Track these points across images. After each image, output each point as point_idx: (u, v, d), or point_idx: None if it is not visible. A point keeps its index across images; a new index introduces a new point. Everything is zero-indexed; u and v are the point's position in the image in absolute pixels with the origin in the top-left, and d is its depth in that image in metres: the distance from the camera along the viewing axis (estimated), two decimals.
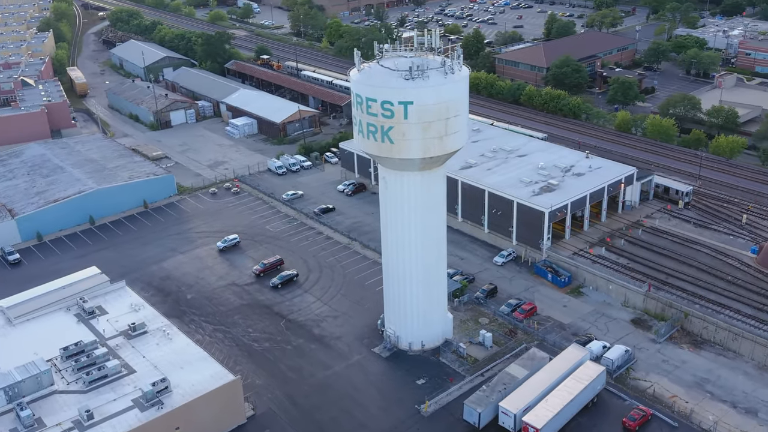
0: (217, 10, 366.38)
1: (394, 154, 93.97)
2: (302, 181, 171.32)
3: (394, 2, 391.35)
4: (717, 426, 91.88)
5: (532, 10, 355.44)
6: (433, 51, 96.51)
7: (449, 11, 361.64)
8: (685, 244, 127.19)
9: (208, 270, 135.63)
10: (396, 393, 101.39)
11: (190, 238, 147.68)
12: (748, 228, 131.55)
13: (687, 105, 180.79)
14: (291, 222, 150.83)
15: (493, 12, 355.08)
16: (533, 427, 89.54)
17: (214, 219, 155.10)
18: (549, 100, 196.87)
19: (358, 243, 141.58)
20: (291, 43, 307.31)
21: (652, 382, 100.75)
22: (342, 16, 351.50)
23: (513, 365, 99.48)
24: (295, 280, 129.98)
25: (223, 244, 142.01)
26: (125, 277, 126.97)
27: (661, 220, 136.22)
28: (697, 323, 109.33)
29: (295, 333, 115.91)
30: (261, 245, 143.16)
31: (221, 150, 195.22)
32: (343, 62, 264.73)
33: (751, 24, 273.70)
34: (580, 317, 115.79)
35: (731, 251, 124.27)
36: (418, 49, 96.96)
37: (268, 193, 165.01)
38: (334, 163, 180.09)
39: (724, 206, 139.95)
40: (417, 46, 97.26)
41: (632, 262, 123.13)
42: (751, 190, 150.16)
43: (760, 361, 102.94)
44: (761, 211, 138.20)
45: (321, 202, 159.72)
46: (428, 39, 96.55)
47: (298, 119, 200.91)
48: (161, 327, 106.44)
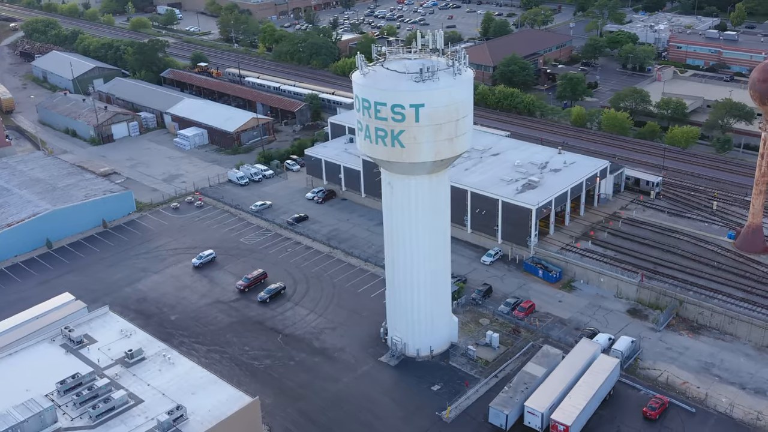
0: (140, 17, 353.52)
1: (404, 158, 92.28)
2: (267, 191, 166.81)
3: (322, 5, 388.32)
4: (733, 409, 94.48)
5: (461, 10, 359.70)
6: (437, 52, 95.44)
7: (379, 13, 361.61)
8: (665, 233, 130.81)
9: (187, 289, 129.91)
10: (413, 401, 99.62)
11: (161, 257, 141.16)
12: (719, 214, 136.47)
13: (637, 98, 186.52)
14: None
15: (423, 13, 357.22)
16: (563, 425, 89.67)
17: (183, 235, 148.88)
18: (503, 99, 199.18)
19: (341, 251, 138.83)
20: (225, 49, 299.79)
21: (661, 370, 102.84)
22: (271, 20, 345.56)
23: (530, 364, 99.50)
24: (283, 293, 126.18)
25: (199, 260, 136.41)
26: (97, 302, 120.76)
27: (637, 211, 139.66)
28: (692, 309, 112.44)
29: (294, 347, 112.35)
30: (238, 259, 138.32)
31: (173, 163, 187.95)
32: (284, 67, 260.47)
33: (674, 18, 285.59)
34: (578, 311, 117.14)
35: (709, 237, 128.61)
36: (422, 50, 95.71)
37: (234, 205, 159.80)
38: (296, 171, 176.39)
39: (692, 194, 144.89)
40: (420, 48, 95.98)
41: (619, 253, 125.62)
42: (713, 178, 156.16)
43: (758, 342, 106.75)
44: (726, 197, 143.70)
45: (292, 211, 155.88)
46: (432, 40, 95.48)
47: (252, 127, 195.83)
48: (160, 352, 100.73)
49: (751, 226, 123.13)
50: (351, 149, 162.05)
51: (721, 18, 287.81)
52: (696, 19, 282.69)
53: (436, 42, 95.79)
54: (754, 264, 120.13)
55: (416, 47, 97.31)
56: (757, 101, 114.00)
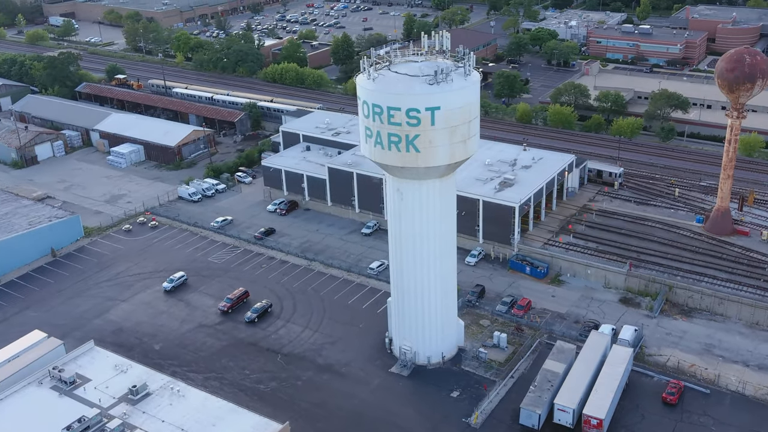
0: (36, 30, 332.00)
1: (420, 163, 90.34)
2: (223, 206, 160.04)
3: (228, 11, 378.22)
4: (745, 386, 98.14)
5: (373, 12, 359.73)
6: (442, 54, 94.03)
7: (291, 17, 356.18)
8: (637, 222, 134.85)
9: (164, 315, 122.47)
10: (436, 410, 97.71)
11: (126, 283, 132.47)
12: (681, 200, 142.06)
13: (576, 93, 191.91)
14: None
15: (336, 16, 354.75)
16: (596, 418, 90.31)
17: (143, 258, 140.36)
18: None
19: (319, 263, 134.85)
20: (140, 60, 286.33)
21: (666, 355, 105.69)
22: (177, 28, 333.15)
23: (549, 361, 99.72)
24: (270, 311, 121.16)
25: (170, 284, 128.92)
26: (68, 338, 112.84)
27: (604, 202, 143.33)
28: (681, 294, 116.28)
29: (298, 366, 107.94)
30: (212, 280, 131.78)
31: (112, 182, 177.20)
32: (208, 77, 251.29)
33: (584, 15, 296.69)
34: (572, 305, 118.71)
35: (679, 223, 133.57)
36: (429, 52, 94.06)
37: (192, 223, 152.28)
38: (249, 183, 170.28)
39: (651, 183, 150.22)
40: (428, 50, 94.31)
41: (600, 244, 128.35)
42: (666, 166, 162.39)
43: (748, 320, 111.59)
44: (682, 183, 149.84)
45: (255, 225, 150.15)
46: (438, 42, 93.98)
47: (194, 140, 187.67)
48: (165, 385, 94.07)
49: (720, 209, 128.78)
50: (310, 157, 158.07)
51: (627, 13, 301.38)
52: (605, 15, 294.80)
53: (443, 44, 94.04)
54: (727, 246, 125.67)
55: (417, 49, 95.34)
56: (725, 90, 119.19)
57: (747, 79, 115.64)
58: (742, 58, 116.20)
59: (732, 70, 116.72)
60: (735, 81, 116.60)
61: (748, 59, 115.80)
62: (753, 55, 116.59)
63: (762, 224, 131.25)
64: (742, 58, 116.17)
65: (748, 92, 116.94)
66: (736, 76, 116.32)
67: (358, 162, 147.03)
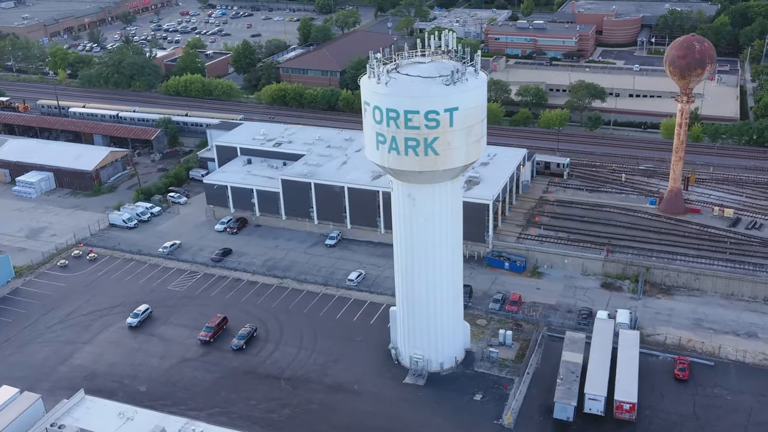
0: None
1: (439, 165, 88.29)
2: (165, 230, 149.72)
3: (96, 22, 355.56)
4: (745, 355, 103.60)
5: (256, 18, 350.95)
6: (448, 54, 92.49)
7: (167, 26, 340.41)
8: (596, 209, 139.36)
9: (139, 353, 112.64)
10: (464, 415, 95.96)
11: (82, 323, 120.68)
12: (628, 185, 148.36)
13: (497, 88, 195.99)
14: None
15: (217, 23, 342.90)
16: (628, 403, 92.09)
17: (93, 295, 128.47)
18: None
19: (291, 280, 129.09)
20: (14, 80, 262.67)
21: (663, 333, 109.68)
22: (43, 43, 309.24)
23: (566, 353, 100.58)
24: (255, 336, 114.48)
25: (135, 319, 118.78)
26: (36, 391, 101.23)
27: (558, 192, 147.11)
28: (658, 273, 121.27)
29: (305, 389, 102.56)
30: (179, 309, 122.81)
31: (26, 215, 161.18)
32: (101, 93, 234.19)
33: (473, 13, 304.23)
34: (559, 295, 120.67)
35: (634, 207, 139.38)
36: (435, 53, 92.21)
37: (136, 251, 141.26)
38: (184, 203, 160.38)
39: (594, 170, 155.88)
40: (433, 51, 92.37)
41: (570, 233, 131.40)
42: (605, 154, 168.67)
43: (723, 292, 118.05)
44: (623, 169, 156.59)
45: (207, 247, 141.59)
46: (445, 42, 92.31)
47: (111, 163, 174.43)
48: (185, 427, 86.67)
49: (673, 190, 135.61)
50: (255, 170, 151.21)
51: (511, 10, 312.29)
52: (492, 12, 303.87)
53: (449, 44, 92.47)
54: (685, 224, 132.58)
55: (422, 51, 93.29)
56: (676, 77, 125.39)
57: (698, 64, 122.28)
58: (692, 45, 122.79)
59: (683, 57, 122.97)
60: (687, 67, 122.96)
61: (698, 46, 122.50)
62: (701, 42, 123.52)
63: (706, 201, 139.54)
64: (691, 45, 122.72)
65: (698, 77, 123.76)
66: (687, 63, 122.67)
67: (314, 172, 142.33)
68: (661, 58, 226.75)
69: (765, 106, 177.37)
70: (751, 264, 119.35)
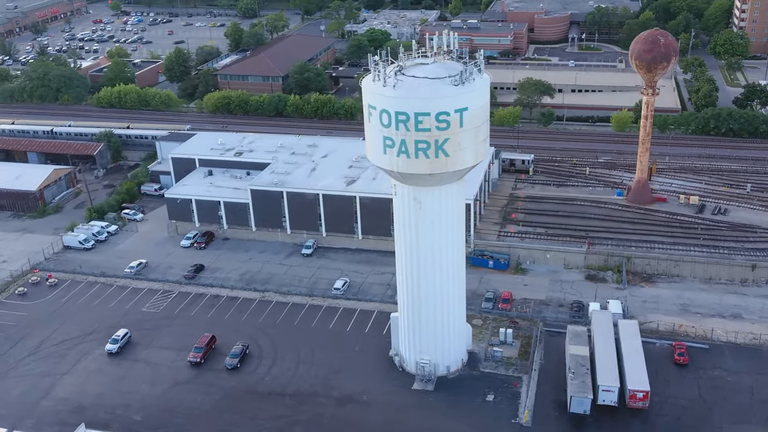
0: None
1: (449, 167, 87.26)
2: (126, 249, 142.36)
3: (4, 33, 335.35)
4: (736, 336, 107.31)
5: (176, 24, 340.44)
6: (448, 54, 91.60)
7: (82, 35, 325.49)
8: (567, 203, 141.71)
9: (126, 380, 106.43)
10: (481, 417, 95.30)
11: (56, 354, 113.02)
12: (593, 178, 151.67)
13: None
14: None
15: (135, 30, 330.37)
16: (642, 391, 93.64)
17: (61, 322, 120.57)
18: (321, 106, 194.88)
19: (273, 293, 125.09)
20: None
21: (654, 321, 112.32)
22: None
23: (571, 347, 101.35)
24: (248, 353, 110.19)
25: (115, 344, 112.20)
26: (18, 428, 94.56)
27: (527, 189, 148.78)
28: (639, 263, 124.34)
29: (314, 404, 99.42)
30: (160, 331, 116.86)
31: None
32: (25, 108, 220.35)
33: (402, 14, 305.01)
34: (547, 290, 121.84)
35: (603, 198, 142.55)
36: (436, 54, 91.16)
37: (99, 274, 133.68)
38: (141, 220, 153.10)
39: (557, 166, 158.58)
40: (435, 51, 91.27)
41: (548, 228, 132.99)
42: (563, 149, 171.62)
43: (702, 276, 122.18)
44: (584, 162, 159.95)
45: (177, 264, 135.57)
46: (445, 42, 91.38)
47: (55, 181, 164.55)
48: None
49: (640, 181, 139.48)
50: (219, 182, 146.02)
51: (439, 10, 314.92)
52: (421, 13, 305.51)
53: (450, 44, 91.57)
54: (654, 213, 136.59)
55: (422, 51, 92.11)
56: (642, 70, 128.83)
57: (663, 58, 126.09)
58: (657, 39, 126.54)
59: (650, 51, 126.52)
60: (653, 61, 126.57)
61: (663, 40, 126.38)
62: (665, 36, 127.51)
63: (669, 190, 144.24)
64: (656, 40, 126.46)
65: (663, 70, 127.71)
66: (654, 56, 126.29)
67: (284, 180, 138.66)
68: (594, 54, 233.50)
69: (704, 96, 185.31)
70: (724, 248, 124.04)
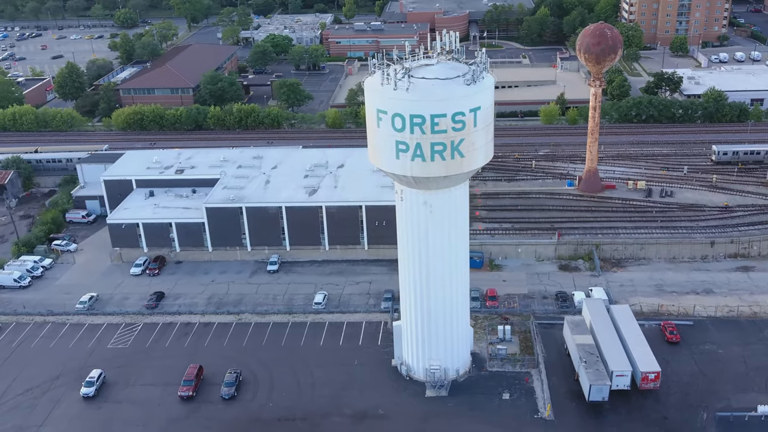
0: None
1: (464, 168, 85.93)
2: (68, 283, 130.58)
3: None
4: (715, 311, 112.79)
5: (47, 38, 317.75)
6: (450, 54, 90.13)
7: None
8: (523, 196, 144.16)
9: (116, 422, 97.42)
10: (502, 416, 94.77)
11: (26, 404, 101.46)
12: (540, 171, 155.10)
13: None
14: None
15: (5, 47, 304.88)
16: (653, 373, 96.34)
17: (19, 370, 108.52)
18: (244, 117, 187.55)
19: (249, 314, 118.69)
20: None
21: (636, 303, 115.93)
22: None
23: (576, 336, 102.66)
24: (242, 380, 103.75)
25: (91, 387, 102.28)
26: None
27: (479, 185, 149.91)
28: (607, 249, 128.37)
29: (329, 424, 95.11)
30: (136, 367, 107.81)
31: None
32: None
33: (296, 18, 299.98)
34: (527, 283, 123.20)
35: (556, 190, 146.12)
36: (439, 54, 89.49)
37: (45, 313, 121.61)
38: (76, 250, 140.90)
39: (501, 161, 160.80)
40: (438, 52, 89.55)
41: (513, 223, 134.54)
42: (502, 144, 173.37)
43: (666, 257, 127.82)
44: (526, 155, 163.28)
45: (132, 294, 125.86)
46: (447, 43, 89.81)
47: None
48: None
49: (590, 170, 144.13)
50: (165, 202, 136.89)
51: (333, 13, 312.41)
52: (315, 17, 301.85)
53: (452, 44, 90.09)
54: (607, 200, 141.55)
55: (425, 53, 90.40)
56: (591, 63, 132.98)
57: (611, 50, 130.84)
58: (604, 32, 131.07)
59: (598, 44, 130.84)
60: (602, 53, 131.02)
61: (609, 33, 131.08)
62: (611, 29, 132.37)
63: (613, 177, 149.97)
64: (604, 33, 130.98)
65: (611, 62, 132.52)
66: (602, 49, 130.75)
67: (240, 195, 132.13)
68: (497, 51, 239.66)
69: (618, 86, 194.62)
70: (682, 228, 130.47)
